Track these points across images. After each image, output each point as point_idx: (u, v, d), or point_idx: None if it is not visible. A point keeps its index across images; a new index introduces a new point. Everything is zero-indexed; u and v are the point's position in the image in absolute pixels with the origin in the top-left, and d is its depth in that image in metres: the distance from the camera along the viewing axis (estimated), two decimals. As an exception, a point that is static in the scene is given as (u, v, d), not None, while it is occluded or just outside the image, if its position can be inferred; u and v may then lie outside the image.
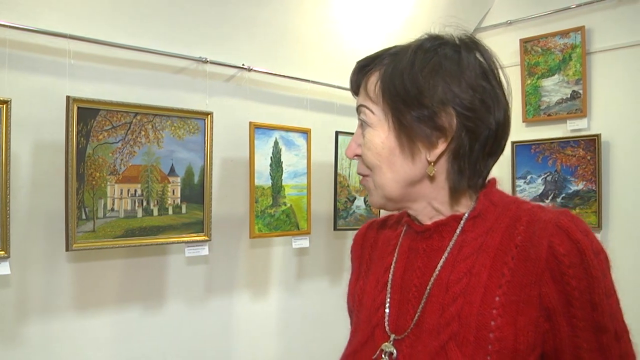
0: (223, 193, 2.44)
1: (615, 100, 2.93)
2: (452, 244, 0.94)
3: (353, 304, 1.11)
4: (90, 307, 2.06)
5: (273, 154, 2.52)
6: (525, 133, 3.23)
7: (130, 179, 2.02)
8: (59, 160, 1.87)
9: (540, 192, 3.13)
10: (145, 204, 2.06)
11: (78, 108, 1.86)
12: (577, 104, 3.03)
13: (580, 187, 2.98)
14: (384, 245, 1.09)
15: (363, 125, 0.98)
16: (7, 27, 1.77)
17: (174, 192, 2.14)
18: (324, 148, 2.77)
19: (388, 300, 0.98)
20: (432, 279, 0.93)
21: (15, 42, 1.83)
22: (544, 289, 0.84)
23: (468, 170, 0.92)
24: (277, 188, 2.53)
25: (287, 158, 2.57)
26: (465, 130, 0.90)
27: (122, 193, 1.99)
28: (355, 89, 1.01)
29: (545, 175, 3.12)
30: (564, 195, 3.03)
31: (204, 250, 2.24)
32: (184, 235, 2.17)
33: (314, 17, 2.68)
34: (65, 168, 1.84)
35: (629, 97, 2.88)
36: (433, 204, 0.96)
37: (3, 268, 1.73)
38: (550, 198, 3.08)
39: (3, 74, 1.81)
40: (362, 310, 1.04)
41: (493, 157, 0.95)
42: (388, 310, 0.97)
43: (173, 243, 2.16)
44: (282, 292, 2.76)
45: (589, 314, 0.83)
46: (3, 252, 1.72)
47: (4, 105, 1.70)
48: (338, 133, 2.75)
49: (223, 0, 2.31)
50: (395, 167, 0.93)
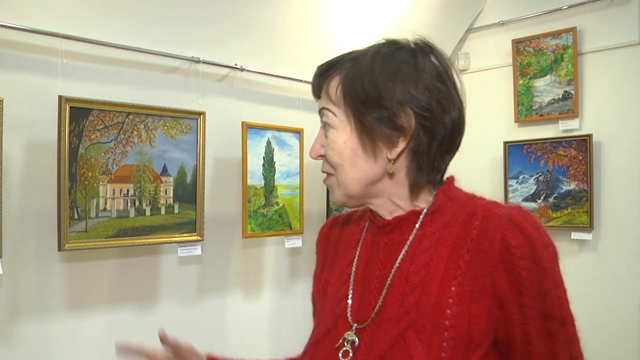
0: (215, 193, 2.44)
1: (607, 101, 2.97)
2: (412, 238, 0.99)
3: (317, 295, 1.17)
4: (83, 307, 2.07)
5: (265, 154, 2.53)
6: (518, 133, 3.26)
7: (123, 179, 2.02)
8: (51, 160, 1.87)
9: (533, 192, 3.15)
10: (138, 204, 2.07)
11: (70, 108, 1.86)
12: (568, 105, 3.06)
13: (572, 187, 3.01)
14: (348, 240, 1.15)
15: (326, 127, 1.02)
16: (-1, 26, 1.77)
17: (167, 192, 2.15)
18: (317, 148, 2.77)
19: (351, 292, 1.04)
20: (392, 271, 0.98)
21: (7, 41, 1.83)
22: (497, 280, 0.89)
23: (427, 167, 0.98)
24: (269, 188, 2.54)
25: (279, 158, 2.59)
26: (423, 130, 0.95)
27: (114, 193, 2.00)
28: (317, 93, 1.06)
29: (538, 175, 3.15)
30: (556, 195, 3.06)
31: (197, 250, 2.25)
32: (177, 235, 2.18)
33: (307, 17, 2.69)
34: (58, 168, 1.84)
35: (620, 97, 2.92)
36: (393, 200, 1.02)
37: (-5, 268, 1.74)
38: (543, 198, 3.11)
39: (-5, 74, 1.82)
40: (326, 301, 1.10)
41: (449, 154, 1.01)
42: (350, 301, 1.02)
43: (165, 243, 2.17)
44: (274, 292, 2.77)
45: (539, 303, 0.89)
46: (-5, 252, 1.72)
47: (-4, 105, 1.70)
48: (331, 133, 2.75)
49: (216, 0, 2.32)
50: (358, 166, 0.99)
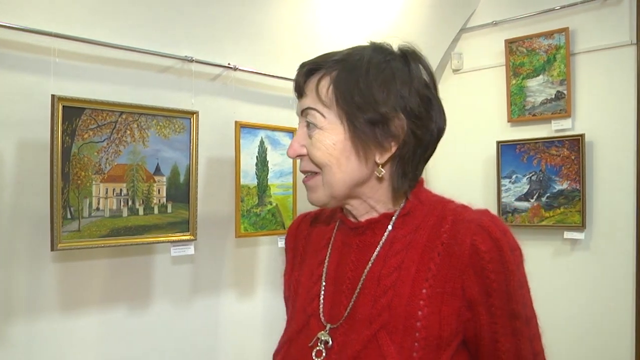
0: (209, 192, 2.45)
1: (599, 101, 2.99)
2: (383, 240, 1.02)
3: (288, 295, 1.19)
4: (76, 307, 2.07)
5: (259, 153, 2.54)
6: (511, 133, 3.28)
7: (116, 178, 2.03)
8: (44, 159, 1.87)
9: (525, 191, 3.18)
10: (131, 204, 2.07)
11: (63, 107, 1.86)
12: (561, 105, 3.08)
13: (565, 186, 3.04)
14: (318, 239, 1.16)
15: (310, 127, 1.02)
16: (-9, 25, 1.77)
17: (160, 191, 2.16)
18: (310, 147, 2.78)
19: (322, 292, 1.06)
20: (365, 272, 1.01)
21: (0, 40, 1.83)
22: (467, 282, 0.93)
23: (411, 173, 1.02)
24: (262, 187, 2.55)
25: (272, 157, 2.59)
26: (413, 136, 0.98)
27: (107, 192, 2.00)
28: (300, 92, 1.06)
29: (530, 175, 3.17)
30: (549, 195, 3.08)
31: (190, 250, 2.26)
32: (170, 235, 2.18)
33: (300, 16, 2.71)
34: (50, 167, 1.84)
35: (612, 97, 2.95)
36: (370, 202, 1.04)
37: (-13, 268, 1.74)
38: (535, 197, 3.13)
39: (-13, 73, 1.82)
40: (297, 300, 1.12)
41: (427, 160, 1.06)
42: (322, 301, 1.05)
43: (159, 242, 2.17)
44: (268, 291, 2.78)
45: (505, 303, 0.94)
46: (-13, 251, 1.73)
47: (-11, 104, 1.71)
48: (324, 132, 2.76)
49: (209, 0, 2.33)
50: (345, 167, 0.99)
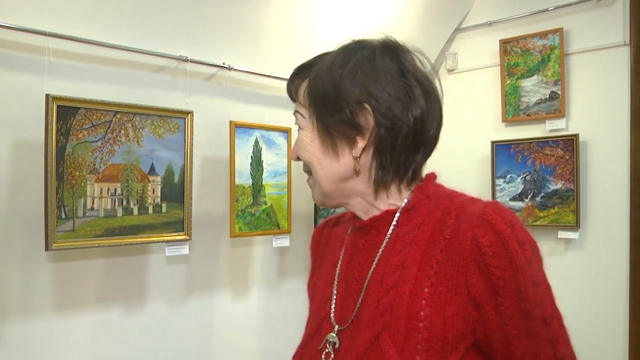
0: (203, 192, 2.46)
1: (593, 101, 3.02)
2: (387, 238, 1.00)
3: (309, 299, 1.21)
4: (70, 307, 2.08)
5: (253, 153, 2.55)
6: (505, 133, 3.30)
7: (110, 178, 2.04)
8: (38, 159, 1.88)
9: (520, 191, 3.20)
10: (125, 203, 2.08)
11: (57, 106, 1.87)
12: (555, 105, 3.10)
13: (559, 186, 3.06)
14: (335, 242, 1.18)
15: (299, 129, 1.06)
16: (-15, 24, 1.78)
17: (154, 191, 2.17)
18: (305, 147, 2.79)
19: (334, 294, 1.06)
20: (369, 273, 1.00)
21: (-6, 39, 1.84)
22: (471, 280, 0.88)
23: (391, 165, 0.99)
24: (257, 187, 2.56)
25: (267, 157, 2.61)
26: (384, 128, 0.96)
27: (102, 192, 2.01)
28: (291, 96, 1.10)
29: (525, 175, 3.19)
30: (543, 195, 3.10)
31: (185, 250, 2.27)
32: (164, 235, 2.19)
33: (295, 16, 2.72)
34: (45, 167, 1.85)
35: (606, 98, 2.97)
36: (367, 199, 1.03)
37: (-18, 267, 1.74)
38: (530, 197, 3.15)
39: (-19, 72, 1.82)
40: (313, 304, 1.14)
41: (419, 150, 1.01)
42: (334, 304, 1.05)
43: (153, 242, 2.18)
44: (263, 291, 2.79)
45: (516, 302, 0.87)
46: (-18, 251, 1.73)
47: (-17, 104, 1.71)
48: (319, 132, 2.78)
49: (204, -1, 2.34)
50: (324, 164, 1.01)
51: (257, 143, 2.56)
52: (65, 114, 1.90)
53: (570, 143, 3.01)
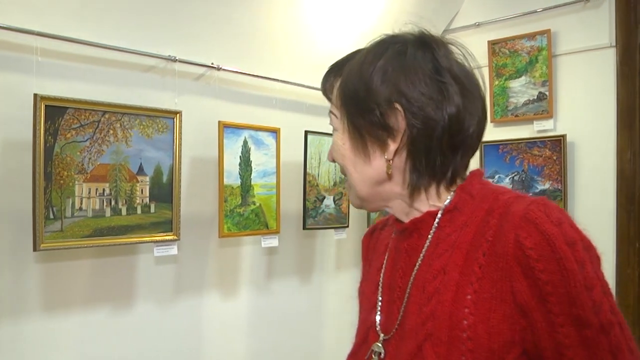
0: (192, 192, 2.48)
1: (580, 102, 3.07)
2: (428, 242, 0.95)
3: (359, 305, 1.16)
4: (59, 307, 2.09)
5: (242, 153, 2.56)
6: (493, 133, 3.34)
7: (99, 178, 2.05)
8: (26, 159, 1.88)
9: (508, 191, 3.23)
10: (114, 204, 2.09)
11: (45, 106, 1.88)
12: (543, 105, 3.15)
13: (547, 186, 3.10)
14: (380, 246, 1.13)
15: (333, 130, 1.03)
16: (-27, 24, 1.78)
17: (143, 191, 2.18)
18: (293, 147, 2.82)
19: (379, 302, 1.02)
20: (411, 279, 0.95)
21: (-18, 39, 1.85)
22: (516, 285, 0.82)
23: (426, 169, 0.94)
24: (246, 187, 2.58)
25: (256, 157, 2.62)
26: (416, 129, 0.91)
27: (90, 192, 2.02)
28: (326, 95, 1.06)
29: (513, 175, 3.23)
30: (531, 195, 3.14)
31: (173, 250, 2.28)
32: (153, 235, 2.20)
33: (284, 16, 2.73)
34: (33, 167, 1.86)
35: (593, 99, 3.02)
36: (405, 201, 0.98)
37: (-31, 268, 1.74)
38: (517, 198, 3.19)
39: (-31, 72, 1.83)
40: (361, 312, 1.10)
41: (457, 151, 0.95)
42: (379, 312, 1.01)
43: (142, 243, 2.19)
44: (251, 291, 2.81)
45: (567, 309, 0.80)
46: (-31, 251, 1.74)
47: (-29, 104, 1.72)
48: (307, 132, 2.81)
49: (193, -1, 2.36)
50: (358, 167, 0.98)
51: (245, 143, 2.57)
52: (54, 114, 1.91)
53: (558, 143, 3.06)
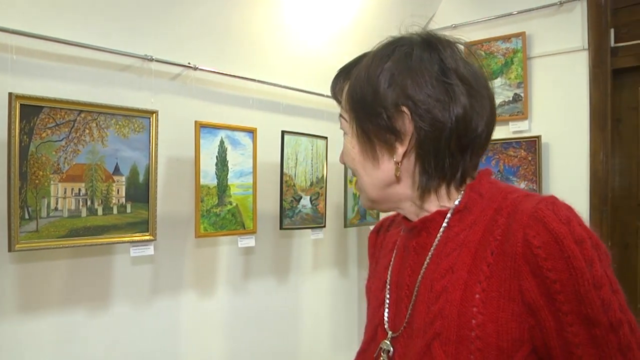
0: (168, 192, 2.50)
1: (554, 104, 3.16)
2: (437, 240, 0.96)
3: (366, 302, 1.18)
4: (34, 309, 2.09)
5: (219, 153, 2.58)
6: (470, 134, 3.40)
7: (74, 178, 2.06)
8: (1, 159, 1.89)
9: (484, 192, 3.30)
10: (90, 204, 2.11)
11: (21, 105, 1.88)
12: (518, 107, 3.23)
13: (522, 186, 3.18)
14: (388, 244, 1.15)
15: (344, 134, 1.05)
16: (-53, 22, 1.78)
17: (119, 191, 2.19)
18: (270, 147, 2.85)
19: (387, 299, 1.04)
20: (419, 277, 0.96)
21: (-44, 37, 1.85)
22: (525, 284, 0.83)
23: (435, 170, 0.95)
24: (222, 187, 2.60)
25: (232, 157, 2.64)
26: (423, 131, 0.92)
27: (65, 192, 2.03)
28: (336, 99, 1.08)
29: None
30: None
31: (150, 250, 2.29)
32: (129, 235, 2.22)
33: (261, 16, 2.77)
34: (8, 167, 1.86)
35: (567, 100, 3.12)
36: (416, 202, 0.99)
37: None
38: (493, 198, 3.26)
39: (-58, 70, 1.82)
40: (369, 309, 1.12)
41: (466, 151, 0.96)
42: (387, 309, 1.03)
43: (118, 243, 2.21)
44: (228, 291, 2.84)
45: (576, 307, 0.81)
46: (-57, 252, 1.74)
47: (-55, 103, 1.72)
48: (284, 133, 2.84)
49: (170, -2, 2.38)
50: (368, 170, 1.00)
51: (222, 143, 2.59)
52: (29, 113, 1.91)
53: (533, 144, 3.14)
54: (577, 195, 3.05)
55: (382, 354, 0.98)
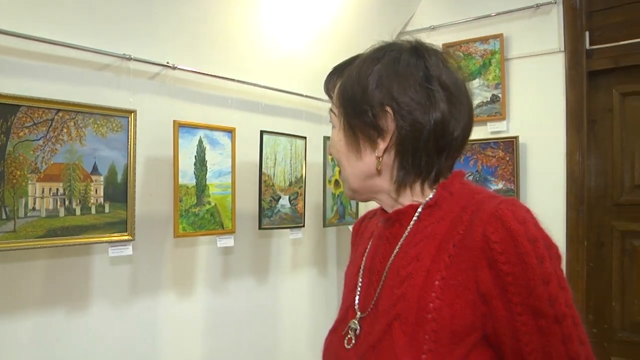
0: (147, 192, 2.51)
1: (531, 105, 3.24)
2: (407, 231, 1.06)
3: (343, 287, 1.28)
4: (11, 310, 2.09)
5: (197, 153, 2.59)
6: (448, 134, 3.46)
7: (52, 178, 2.07)
8: (-22, 158, 1.89)
9: (462, 192, 3.35)
10: (68, 203, 2.11)
11: (-3, 104, 1.89)
12: (496, 107, 3.30)
13: (500, 186, 3.24)
14: (366, 233, 1.27)
15: (332, 127, 1.15)
16: None
17: (97, 191, 2.20)
18: (249, 147, 2.88)
19: (360, 283, 1.14)
20: (388, 264, 1.06)
21: None
22: (481, 275, 0.92)
23: (412, 167, 1.05)
24: (201, 187, 2.61)
25: (211, 157, 2.66)
26: (404, 130, 1.02)
27: (43, 192, 2.04)
28: (328, 94, 1.18)
29: (467, 175, 3.34)
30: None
31: (128, 250, 2.30)
32: (108, 235, 2.23)
33: (241, 16, 2.78)
34: (-15, 166, 1.87)
35: (544, 101, 3.19)
36: (391, 195, 1.10)
37: None
38: (471, 198, 3.31)
39: None
40: (344, 292, 1.22)
41: (442, 153, 1.05)
42: (359, 292, 1.13)
43: (96, 243, 2.21)
44: (207, 291, 2.86)
45: (525, 299, 0.90)
46: None
47: None
48: (263, 132, 2.87)
49: (149, -3, 2.39)
50: (351, 162, 1.10)
51: (201, 143, 2.61)
52: (6, 112, 1.92)
53: (511, 145, 3.21)
54: (553, 195, 3.13)
55: (349, 332, 1.08)
